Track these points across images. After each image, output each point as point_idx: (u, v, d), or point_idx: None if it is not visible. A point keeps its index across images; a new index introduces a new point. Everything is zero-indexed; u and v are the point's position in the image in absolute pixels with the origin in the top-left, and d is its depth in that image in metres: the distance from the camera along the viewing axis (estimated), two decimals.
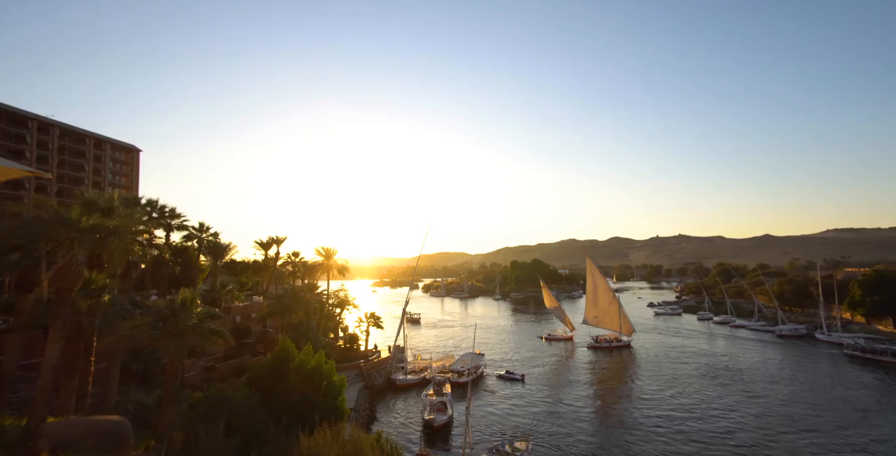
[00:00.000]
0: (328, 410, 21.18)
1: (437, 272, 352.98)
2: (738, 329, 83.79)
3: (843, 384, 45.00)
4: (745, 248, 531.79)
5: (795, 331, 75.05)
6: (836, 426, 32.98)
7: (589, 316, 76.13)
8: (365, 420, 34.60)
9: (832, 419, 34.52)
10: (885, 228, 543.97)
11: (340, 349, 51.40)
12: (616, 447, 29.78)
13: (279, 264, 65.36)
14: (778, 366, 53.20)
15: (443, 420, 32.71)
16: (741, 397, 40.41)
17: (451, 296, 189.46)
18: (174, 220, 42.77)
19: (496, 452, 26.07)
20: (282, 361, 24.15)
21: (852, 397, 40.35)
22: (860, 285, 76.97)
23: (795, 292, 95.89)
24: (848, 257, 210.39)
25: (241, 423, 17.24)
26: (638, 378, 48.40)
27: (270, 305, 42.01)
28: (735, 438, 30.94)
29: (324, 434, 16.50)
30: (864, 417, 35.13)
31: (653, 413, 36.39)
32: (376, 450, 16.43)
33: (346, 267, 67.67)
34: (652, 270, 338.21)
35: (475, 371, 48.10)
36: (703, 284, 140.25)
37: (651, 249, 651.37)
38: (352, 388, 38.97)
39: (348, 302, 59.25)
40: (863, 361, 54.88)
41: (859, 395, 41.25)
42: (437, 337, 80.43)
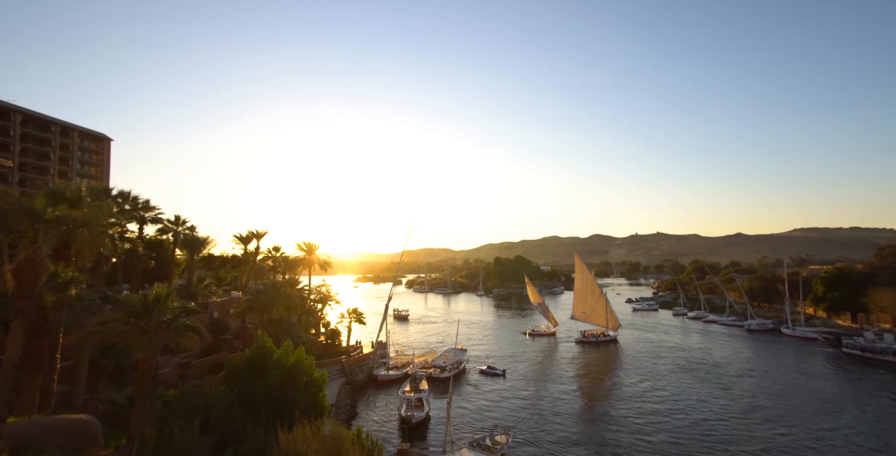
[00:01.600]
0: (308, 406, 20.93)
1: (421, 268, 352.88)
2: (710, 324, 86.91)
3: (806, 375, 47.30)
4: (719, 246, 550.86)
5: (763, 325, 78.38)
6: (800, 415, 34.65)
7: (577, 311, 77.62)
8: (346, 416, 34.42)
9: (797, 409, 36.25)
10: (846, 227, 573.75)
11: (322, 345, 50.84)
12: (595, 439, 30.54)
13: (259, 259, 63.99)
14: (746, 359, 55.49)
15: (420, 416, 32.82)
16: (714, 390, 42.00)
17: (434, 292, 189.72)
18: (148, 212, 41.25)
19: (477, 446, 26.33)
20: (260, 357, 23.68)
21: (815, 388, 42.51)
22: (822, 282, 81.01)
23: (764, 289, 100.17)
24: (812, 255, 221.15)
25: (218, 420, 16.84)
26: (618, 372, 49.68)
27: (249, 300, 41.09)
28: (709, 428, 32.15)
29: (303, 430, 16.29)
30: (825, 406, 37.03)
31: (631, 406, 37.45)
32: (356, 445, 16.34)
33: (329, 262, 66.80)
34: (631, 266, 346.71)
35: (457, 366, 48.40)
36: (679, 280, 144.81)
37: (630, 247, 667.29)
38: (333, 383, 38.66)
39: (330, 297, 58.56)
40: (854, 358, 57.84)
41: (821, 385, 43.49)
42: (420, 333, 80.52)
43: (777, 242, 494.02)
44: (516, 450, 28.26)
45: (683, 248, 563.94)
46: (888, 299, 69.32)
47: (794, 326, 74.09)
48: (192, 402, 16.73)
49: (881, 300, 70.26)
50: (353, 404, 38.12)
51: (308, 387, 22.60)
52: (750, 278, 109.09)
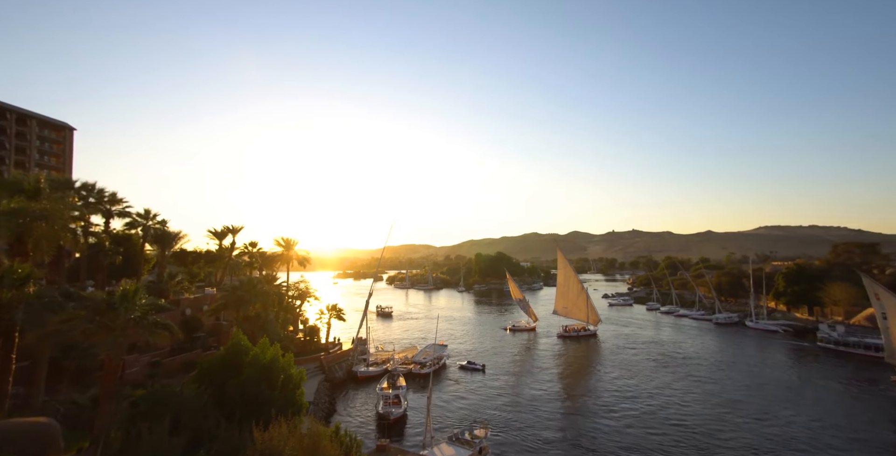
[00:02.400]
0: (285, 403, 20.55)
1: (402, 264, 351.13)
2: (681, 318, 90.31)
3: (771, 366, 49.92)
4: (690, 242, 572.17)
5: (729, 319, 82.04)
6: (764, 405, 36.53)
7: (559, 307, 79.13)
8: (324, 413, 34.06)
9: (760, 399, 38.21)
10: (805, 226, 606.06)
11: (300, 342, 50.03)
12: (572, 430, 31.31)
13: (235, 255, 62.19)
14: (714, 352, 57.99)
15: (398, 413, 32.80)
16: (685, 381, 43.72)
17: (415, 288, 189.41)
18: (115, 205, 39.33)
19: (456, 441, 26.55)
20: (235, 354, 23.06)
21: (778, 378, 44.91)
22: (783, 277, 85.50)
23: (731, 284, 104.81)
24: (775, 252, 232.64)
25: (190, 420, 16.32)
26: (596, 366, 51.01)
27: (224, 296, 39.91)
28: (681, 418, 33.47)
29: (280, 428, 16.00)
30: (787, 395, 39.20)
31: (608, 398, 38.58)
32: (335, 443, 16.17)
33: (307, 258, 65.57)
34: (607, 263, 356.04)
35: (437, 362, 48.58)
36: (653, 276, 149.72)
37: (607, 243, 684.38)
38: (311, 381, 38.12)
39: (309, 294, 57.61)
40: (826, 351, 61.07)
41: (782, 375, 45.97)
42: (401, 329, 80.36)
43: (744, 240, 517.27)
44: (495, 443, 28.67)
45: (657, 245, 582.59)
46: (840, 293, 73.86)
47: (758, 319, 77.89)
48: (162, 401, 16.13)
49: (835, 294, 74.78)
50: (331, 401, 37.75)
51: (285, 384, 22.19)
52: (718, 274, 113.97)
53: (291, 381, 22.41)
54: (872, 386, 41.77)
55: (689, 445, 28.51)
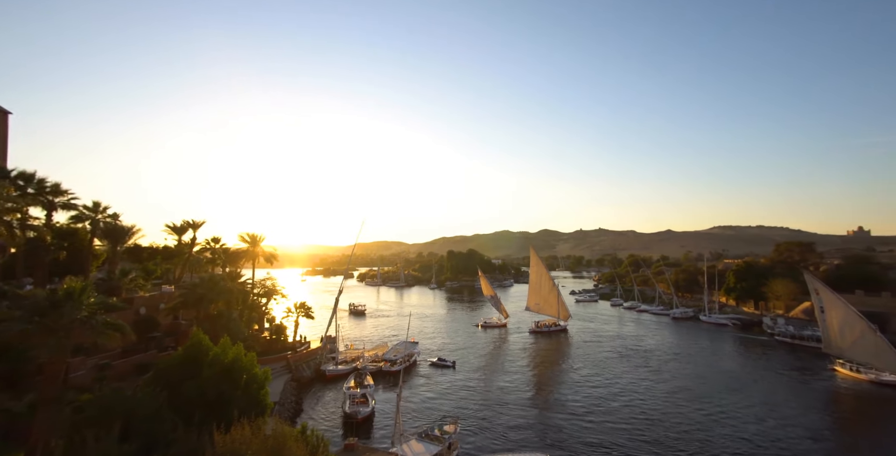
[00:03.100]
0: (248, 404, 19.82)
1: (374, 261, 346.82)
2: (642, 313, 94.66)
3: (722, 357, 53.33)
4: (652, 241, 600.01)
5: (685, 313, 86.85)
6: (716, 394, 38.95)
7: (531, 303, 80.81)
8: (290, 413, 33.18)
9: (713, 388, 40.71)
10: (753, 226, 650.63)
11: (266, 341, 48.44)
12: (540, 423, 32.11)
13: (195, 251, 59.20)
14: (671, 345, 61.21)
15: (366, 412, 32.40)
16: (646, 373, 45.88)
17: (387, 285, 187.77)
18: (58, 197, 36.31)
19: (425, 437, 26.60)
20: (195, 354, 22.00)
21: (728, 368, 48.02)
22: (733, 274, 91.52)
23: (687, 280, 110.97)
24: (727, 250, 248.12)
25: (143, 424, 15.39)
26: (563, 360, 52.53)
27: (183, 294, 37.90)
28: (643, 408, 35.09)
29: (242, 430, 15.41)
30: (736, 383, 41.99)
31: (574, 391, 39.85)
32: (301, 443, 15.76)
33: (275, 254, 63.46)
34: (575, 260, 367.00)
35: (408, 359, 48.43)
36: (617, 273, 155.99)
37: (575, 241, 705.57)
38: (277, 380, 37.02)
39: (276, 291, 55.81)
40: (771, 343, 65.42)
41: (734, 365, 49.23)
42: (372, 326, 79.49)
43: (700, 238, 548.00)
44: (465, 438, 28.97)
45: (622, 243, 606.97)
46: (782, 289, 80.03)
47: (710, 313, 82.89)
48: (111, 406, 15.08)
49: (777, 290, 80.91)
50: (298, 401, 36.83)
51: (249, 385, 21.42)
52: (676, 271, 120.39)
53: (255, 381, 21.66)
54: (812, 374, 45.42)
55: (649, 435, 29.96)
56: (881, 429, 31.71)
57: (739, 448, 27.80)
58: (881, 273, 76.99)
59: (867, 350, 43.29)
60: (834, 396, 38.84)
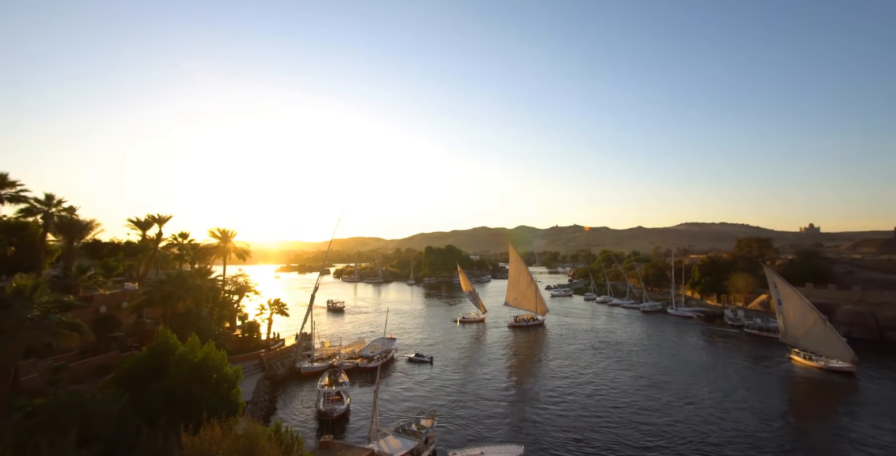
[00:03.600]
0: (219, 404, 19.16)
1: (351, 257, 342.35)
2: (614, 307, 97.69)
3: (687, 348, 55.79)
4: (624, 237, 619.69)
5: (654, 307, 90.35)
6: (683, 382, 40.73)
7: (510, 298, 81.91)
8: (264, 412, 32.41)
9: (679, 377, 42.55)
10: (716, 223, 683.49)
11: (238, 339, 47.04)
12: (516, 416, 32.66)
13: (161, 247, 56.62)
14: (641, 337, 63.53)
15: (341, 409, 32.00)
16: (618, 365, 47.42)
17: (364, 281, 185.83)
18: (5, 189, 33.80)
19: (403, 432, 26.59)
20: (161, 354, 21.07)
21: (693, 358, 50.33)
22: (698, 269, 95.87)
23: (656, 275, 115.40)
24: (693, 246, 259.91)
25: (103, 428, 14.62)
26: (539, 354, 53.56)
27: (148, 292, 36.20)
28: (615, 400, 36.25)
29: (212, 431, 14.90)
30: (701, 372, 44.08)
31: (550, 384, 40.70)
32: (274, 442, 15.40)
33: (247, 250, 61.54)
34: (550, 256, 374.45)
35: (385, 355, 48.18)
36: (591, 269, 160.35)
37: (551, 238, 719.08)
38: (250, 379, 36.13)
39: (248, 288, 54.15)
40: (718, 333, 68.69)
41: (699, 356, 51.63)
42: (350, 323, 78.56)
43: (668, 235, 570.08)
44: (441, 432, 29.15)
45: (596, 239, 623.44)
46: (742, 282, 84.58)
47: (677, 306, 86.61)
48: (67, 410, 14.22)
49: (737, 283, 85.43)
50: (271, 399, 36.01)
51: (219, 384, 20.71)
52: (646, 266, 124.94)
53: (226, 380, 20.96)
54: (770, 363, 48.08)
55: (620, 423, 31.04)
56: (828, 411, 34.10)
57: (704, 432, 29.20)
58: (828, 267, 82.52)
59: (818, 339, 46.36)
60: (789, 383, 41.38)
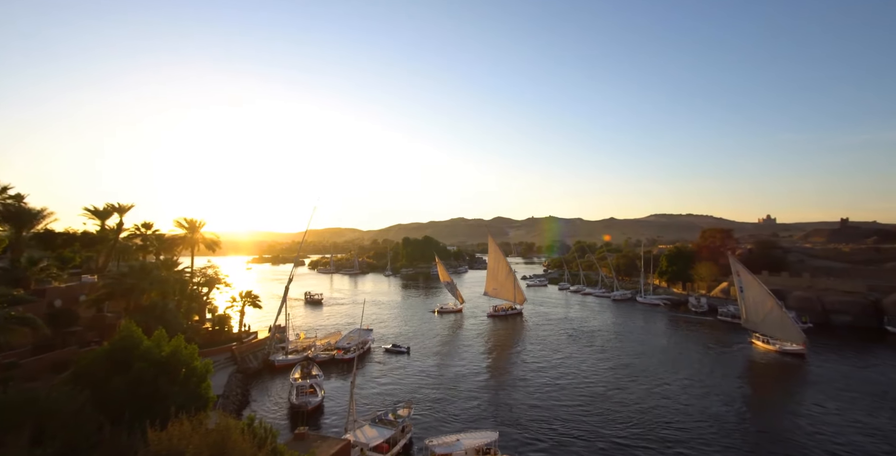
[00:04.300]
0: (188, 399, 18.53)
1: (326, 248, 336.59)
2: (587, 296, 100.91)
3: (655, 335, 58.48)
4: (597, 228, 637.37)
5: (624, 295, 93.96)
6: (651, 367, 42.75)
7: (489, 288, 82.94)
8: (236, 406, 31.74)
9: (648, 362, 44.61)
10: (683, 214, 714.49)
11: (208, 332, 45.64)
12: (491, 404, 33.36)
13: (123, 237, 53.61)
14: (612, 325, 66.02)
15: (315, 402, 31.63)
16: (590, 352, 49.17)
17: (340, 272, 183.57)
18: None
19: (379, 422, 26.69)
20: (124, 349, 20.08)
21: (661, 344, 52.79)
22: (666, 258, 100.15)
23: (627, 265, 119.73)
24: (661, 237, 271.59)
25: (61, 426, 13.86)
26: (514, 342, 54.76)
27: (109, 284, 34.34)
28: (588, 385, 37.62)
29: (181, 426, 14.40)
30: (668, 357, 46.36)
31: (525, 371, 41.77)
32: (247, 435, 15.06)
33: (216, 241, 59.25)
34: (526, 247, 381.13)
35: (362, 347, 47.98)
36: (565, 259, 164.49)
37: (527, 229, 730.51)
38: (221, 373, 35.24)
39: (218, 280, 52.37)
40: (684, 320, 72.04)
41: (666, 342, 54.21)
42: (326, 315, 77.61)
43: (638, 226, 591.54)
44: (418, 421, 29.47)
45: (570, 230, 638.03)
46: (705, 271, 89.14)
47: (645, 294, 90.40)
48: (18, 408, 13.35)
49: (701, 272, 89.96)
50: (244, 393, 35.29)
51: (188, 378, 20.04)
52: (617, 256, 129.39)
53: (195, 374, 20.29)
54: (733, 347, 50.89)
55: (592, 408, 32.30)
56: (782, 390, 36.73)
57: (671, 413, 30.82)
58: (782, 256, 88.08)
59: (775, 324, 49.56)
60: (749, 365, 44.07)
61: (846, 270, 77.08)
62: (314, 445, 19.97)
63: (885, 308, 61.38)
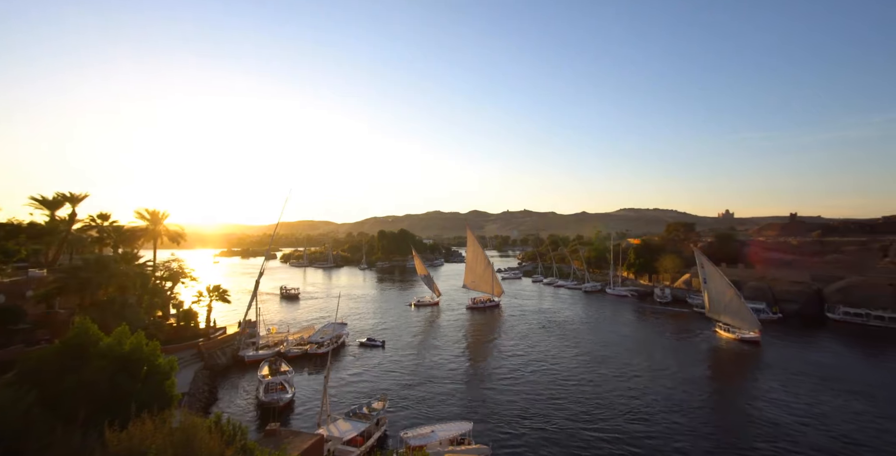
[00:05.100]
0: (150, 397, 17.73)
1: (300, 241, 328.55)
2: (559, 288, 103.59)
3: (624, 325, 60.82)
4: (570, 222, 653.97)
5: (594, 287, 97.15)
6: (621, 356, 44.48)
7: (468, 281, 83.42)
8: (202, 404, 30.69)
9: (618, 352, 46.37)
10: (651, 208, 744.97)
11: (172, 328, 43.68)
12: (467, 395, 33.79)
13: (76, 229, 50.24)
14: (583, 315, 68.12)
15: (286, 399, 30.97)
16: (563, 343, 50.55)
17: (314, 266, 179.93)
18: None
19: (353, 416, 26.52)
20: (78, 347, 18.88)
21: (629, 334, 54.97)
22: (633, 251, 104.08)
23: (597, 258, 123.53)
24: (630, 231, 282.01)
25: (5, 431, 12.90)
26: (489, 334, 55.48)
27: (60, 279, 32.20)
28: (561, 375, 38.72)
29: (142, 426, 13.74)
30: (636, 346, 48.34)
31: (500, 362, 42.46)
32: (214, 433, 14.55)
33: (181, 234, 56.58)
34: (501, 240, 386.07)
35: (336, 341, 47.36)
36: (539, 252, 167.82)
37: (502, 222, 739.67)
38: (187, 370, 33.95)
39: (184, 274, 50.09)
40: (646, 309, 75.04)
41: (634, 332, 56.43)
42: (300, 309, 76.00)
43: (609, 220, 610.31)
44: (393, 414, 29.47)
45: (544, 223, 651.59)
46: (670, 263, 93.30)
47: (614, 286, 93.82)
48: None
49: (666, 264, 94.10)
50: (212, 390, 34.15)
51: (150, 376, 19.13)
52: (588, 249, 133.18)
53: (158, 371, 19.39)
54: (698, 336, 53.42)
55: (563, 397, 33.32)
56: (740, 375, 39.18)
57: (638, 401, 32.22)
58: (739, 248, 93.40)
59: (734, 313, 52.56)
60: (712, 353, 46.48)
61: (794, 262, 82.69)
62: (286, 440, 19.58)
63: (827, 296, 66.45)
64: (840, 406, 31.10)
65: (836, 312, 62.30)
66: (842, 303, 63.30)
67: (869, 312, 59.47)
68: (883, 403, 31.67)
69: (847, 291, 65.00)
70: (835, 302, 64.32)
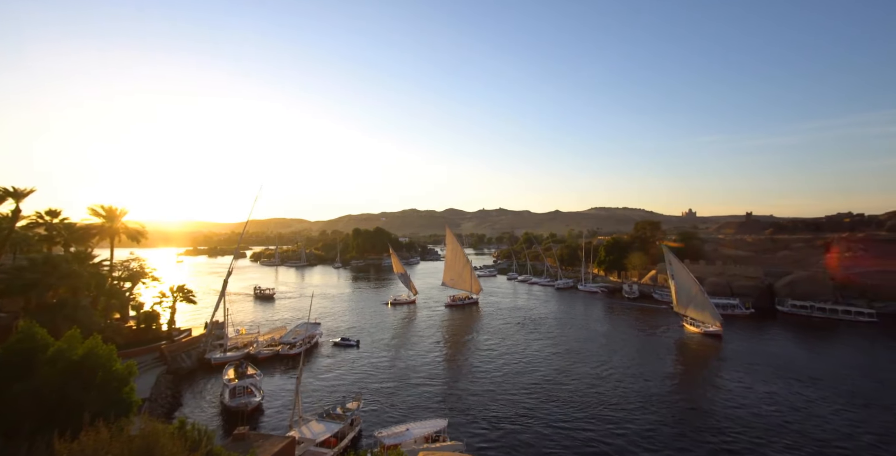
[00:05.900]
0: (106, 405, 16.71)
1: (271, 239, 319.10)
2: (533, 285, 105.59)
3: (594, 320, 62.71)
4: (543, 220, 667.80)
5: (566, 284, 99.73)
6: (593, 351, 45.87)
7: (447, 278, 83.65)
8: (165, 409, 29.33)
9: (589, 346, 47.79)
10: (620, 207, 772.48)
11: (132, 331, 41.48)
12: (442, 393, 33.85)
13: (21, 226, 46.58)
14: (555, 312, 69.80)
15: (254, 403, 29.84)
16: (536, 338, 51.56)
17: (286, 265, 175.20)
18: None
19: (327, 416, 26.07)
20: (23, 353, 17.56)
21: (600, 329, 56.73)
22: (604, 249, 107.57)
23: (570, 255, 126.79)
24: (600, 229, 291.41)
25: None
26: (465, 332, 55.83)
27: (2, 280, 29.82)
28: (535, 371, 39.47)
29: (96, 434, 12.95)
30: (606, 341, 49.96)
31: (474, 359, 42.83)
32: (178, 439, 13.92)
33: (141, 231, 53.53)
34: (477, 238, 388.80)
35: (309, 341, 46.36)
36: (513, 250, 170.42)
37: (478, 220, 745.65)
38: (148, 374, 32.39)
39: (144, 274, 47.54)
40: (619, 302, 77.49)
41: (605, 327, 58.24)
42: (272, 309, 73.80)
43: (581, 218, 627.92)
44: (368, 413, 29.19)
45: (519, 222, 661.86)
46: (637, 260, 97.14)
47: (586, 283, 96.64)
48: None
49: (634, 261, 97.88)
50: (175, 395, 32.67)
51: (106, 382, 18.02)
52: (561, 247, 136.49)
53: (115, 377, 18.26)
54: (666, 330, 55.64)
55: (537, 393, 33.98)
56: (704, 367, 41.26)
57: (609, 394, 33.33)
58: (700, 246, 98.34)
59: (699, 308, 55.22)
60: (678, 346, 48.50)
61: (749, 258, 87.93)
62: (255, 444, 18.98)
63: (777, 290, 71.25)
64: (791, 394, 33.35)
65: (785, 305, 66.84)
66: (790, 296, 68.01)
67: (813, 304, 64.17)
68: (826, 389, 34.24)
69: (793, 285, 69.96)
70: (784, 296, 69.02)
